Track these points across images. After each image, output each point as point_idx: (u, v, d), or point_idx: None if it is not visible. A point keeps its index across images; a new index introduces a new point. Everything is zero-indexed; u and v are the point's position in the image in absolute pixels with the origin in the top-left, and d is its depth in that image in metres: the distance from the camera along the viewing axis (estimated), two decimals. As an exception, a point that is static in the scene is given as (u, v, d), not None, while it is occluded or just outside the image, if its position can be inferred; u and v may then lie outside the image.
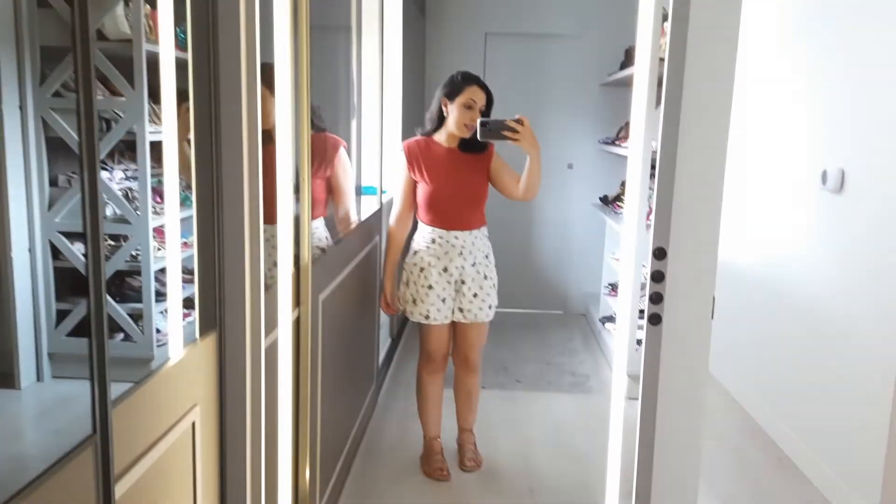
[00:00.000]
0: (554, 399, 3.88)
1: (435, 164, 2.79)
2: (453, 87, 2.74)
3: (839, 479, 2.82)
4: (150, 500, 1.28)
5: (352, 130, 3.27)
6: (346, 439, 2.89)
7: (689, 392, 1.82)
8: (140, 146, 1.91)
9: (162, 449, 1.30)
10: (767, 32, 3.76)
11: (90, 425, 1.04)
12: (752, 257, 3.83)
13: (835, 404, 2.89)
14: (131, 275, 2.03)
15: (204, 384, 1.49)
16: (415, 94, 5.05)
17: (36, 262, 1.55)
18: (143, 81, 1.83)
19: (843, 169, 2.88)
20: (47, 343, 1.56)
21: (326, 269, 2.41)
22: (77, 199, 1.67)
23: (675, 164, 1.71)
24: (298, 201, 2.07)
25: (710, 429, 3.54)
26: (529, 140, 2.60)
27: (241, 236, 1.52)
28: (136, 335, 1.95)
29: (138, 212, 1.95)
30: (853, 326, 2.78)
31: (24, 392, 1.47)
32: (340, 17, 3.12)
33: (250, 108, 1.52)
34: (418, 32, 5.20)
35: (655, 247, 1.74)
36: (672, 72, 1.69)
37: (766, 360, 3.57)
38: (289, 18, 1.84)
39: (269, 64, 1.82)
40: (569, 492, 2.91)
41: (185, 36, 1.49)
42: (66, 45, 1.59)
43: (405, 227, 2.92)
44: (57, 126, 1.57)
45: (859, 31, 2.84)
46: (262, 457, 1.68)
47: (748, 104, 3.98)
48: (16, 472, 0.97)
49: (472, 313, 2.88)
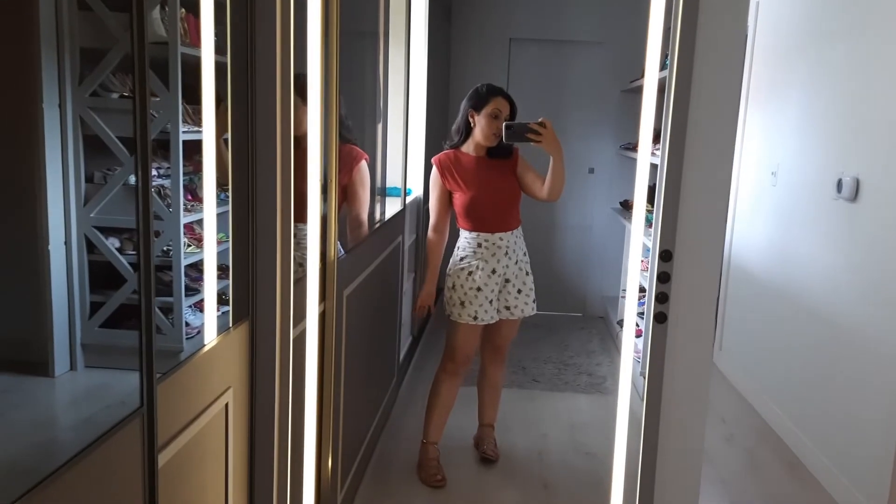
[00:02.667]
0: (570, 399, 3.96)
1: (468, 173, 2.89)
2: (479, 99, 2.85)
3: (851, 484, 2.86)
4: (188, 471, 1.39)
5: (377, 133, 3.37)
6: (367, 430, 3.00)
7: (692, 389, 1.90)
8: (174, 145, 1.98)
9: (199, 426, 1.41)
10: (782, 39, 3.81)
11: (137, 400, 1.15)
12: (767, 264, 3.88)
13: (847, 410, 2.94)
14: (162, 269, 2.12)
15: (237, 369, 1.60)
16: (440, 97, 5.16)
17: (71, 255, 1.57)
18: (178, 83, 1.93)
19: (859, 177, 2.93)
20: (80, 334, 1.59)
21: (351, 266, 2.52)
22: (111, 195, 1.76)
23: (681, 169, 1.79)
24: (326, 202, 2.18)
25: (722, 430, 3.60)
26: (552, 142, 2.70)
27: (273, 232, 1.62)
28: (165, 328, 2.04)
29: (170, 209, 2.04)
30: (867, 333, 2.83)
31: (58, 381, 1.49)
32: (369, 23, 3.23)
33: (284, 113, 1.63)
34: (444, 38, 5.30)
35: (662, 249, 1.83)
36: (679, 78, 1.77)
37: (780, 365, 3.62)
38: (320, 28, 1.94)
39: (303, 74, 1.92)
40: (582, 488, 2.99)
41: (220, 39, 1.56)
42: (104, 47, 1.68)
43: (443, 236, 3.00)
44: (94, 124, 1.62)
45: (876, 40, 2.88)
46: (288, 438, 1.78)
47: (763, 112, 4.03)
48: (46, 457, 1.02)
49: (520, 309, 2.99)
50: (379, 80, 3.35)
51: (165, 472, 1.26)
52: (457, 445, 3.27)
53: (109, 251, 1.76)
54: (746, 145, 4.32)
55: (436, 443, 3.06)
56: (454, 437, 3.30)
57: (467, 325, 2.92)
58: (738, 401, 4.01)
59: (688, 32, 1.75)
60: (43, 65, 1.44)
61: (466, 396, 3.39)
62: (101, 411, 1.30)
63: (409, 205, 4.10)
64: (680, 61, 1.77)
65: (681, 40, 1.76)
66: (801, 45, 3.61)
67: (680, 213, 1.81)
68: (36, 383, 1.48)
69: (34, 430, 1.26)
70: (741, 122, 4.40)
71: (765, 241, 3.95)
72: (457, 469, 3.08)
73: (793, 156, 3.62)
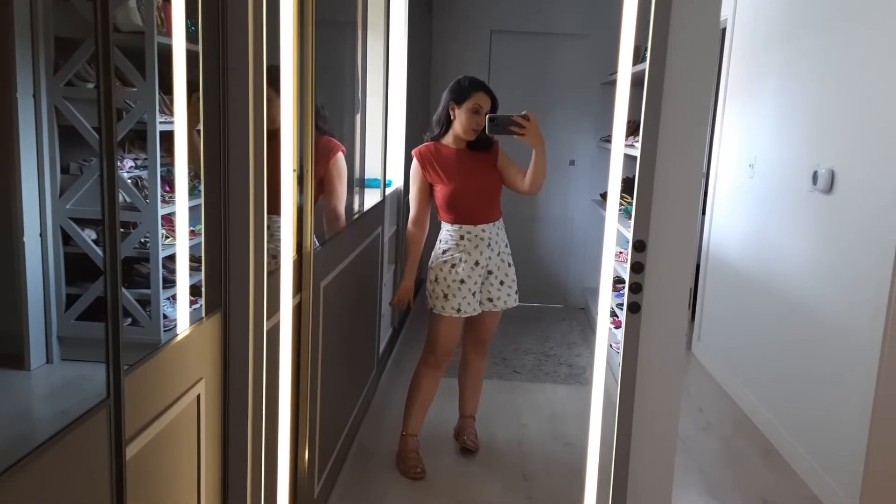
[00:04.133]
0: (551, 390, 3.98)
1: (448, 166, 2.89)
2: (461, 93, 2.84)
3: (825, 472, 2.90)
4: (157, 463, 1.39)
5: (356, 124, 3.36)
6: (345, 421, 2.99)
7: (666, 377, 1.91)
8: (150, 136, 1.96)
9: (169, 417, 1.40)
10: (760, 32, 3.83)
11: (105, 390, 1.14)
12: (745, 255, 3.91)
13: (822, 400, 2.98)
14: (139, 261, 2.09)
15: (209, 360, 1.59)
16: (421, 88, 5.14)
17: (47, 247, 1.57)
18: (155, 73, 1.90)
19: (834, 170, 2.96)
20: (57, 326, 1.59)
21: (328, 257, 2.51)
22: (87, 186, 1.74)
23: (654, 161, 1.80)
24: (302, 193, 2.16)
25: (699, 420, 3.63)
26: (535, 135, 2.70)
27: (246, 223, 1.61)
28: (143, 320, 2.01)
29: (148, 200, 2.01)
30: (841, 323, 2.86)
31: (34, 374, 1.49)
32: (346, 12, 3.21)
33: (256, 104, 1.61)
34: (425, 29, 5.28)
35: (635, 239, 1.84)
36: (652, 71, 1.78)
37: (757, 355, 3.66)
38: (293, 17, 1.93)
39: (277, 66, 1.90)
40: (561, 478, 3.01)
41: (195, 28, 1.54)
42: (78, 37, 1.66)
43: (423, 230, 2.99)
44: (69, 114, 1.61)
45: (851, 33, 2.91)
46: (262, 431, 1.78)
47: (742, 104, 4.06)
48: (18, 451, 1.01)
49: (502, 301, 3.00)
50: (357, 70, 3.33)
51: (134, 463, 1.25)
52: (437, 436, 3.28)
53: (85, 242, 1.74)
54: (725, 138, 4.35)
55: (415, 435, 3.06)
56: (434, 428, 3.30)
57: (450, 317, 2.92)
58: (715, 391, 4.05)
59: (661, 26, 1.76)
60: (17, 54, 1.42)
61: (447, 388, 3.39)
62: (76, 404, 1.29)
63: (388, 196, 4.09)
64: (653, 54, 1.78)
65: (654, 33, 1.76)
66: (778, 38, 3.64)
67: (653, 204, 1.82)
68: (11, 376, 1.47)
69: (8, 424, 1.24)
70: (720, 114, 4.43)
71: (742, 232, 3.98)
72: (437, 460, 3.09)
73: (770, 148, 3.65)
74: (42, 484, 1.01)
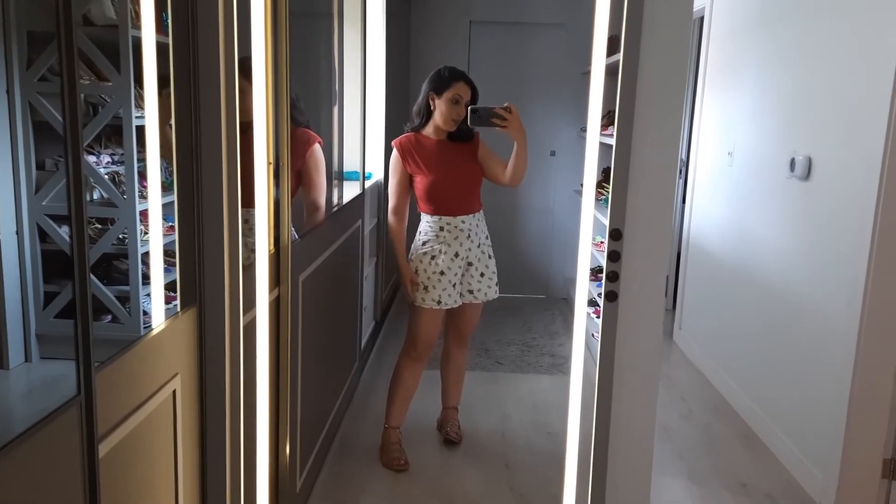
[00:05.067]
0: (533, 380, 3.99)
1: (429, 156, 2.88)
2: (440, 83, 2.82)
3: (804, 458, 2.93)
4: (132, 461, 1.37)
5: (333, 116, 3.34)
6: (328, 415, 2.99)
7: (644, 365, 1.93)
8: (126, 130, 1.94)
9: (144, 413, 1.39)
10: (737, 21, 3.85)
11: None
12: (725, 243, 3.94)
13: (801, 386, 3.01)
14: (118, 258, 2.06)
15: (185, 355, 1.57)
16: (400, 80, 5.12)
17: (23, 244, 1.55)
18: (129, 66, 1.87)
19: (811, 156, 2.98)
20: (35, 324, 1.57)
21: (307, 250, 2.50)
22: (63, 182, 1.72)
23: (630, 151, 1.80)
24: (278, 186, 2.15)
25: (680, 407, 3.66)
26: (517, 127, 2.70)
27: (220, 217, 1.60)
28: (123, 317, 1.99)
29: (125, 195, 1.99)
30: (819, 309, 2.89)
31: (13, 372, 1.48)
32: (321, 3, 3.18)
33: (228, 96, 1.60)
34: (404, 20, 5.26)
35: (612, 228, 1.84)
36: (626, 60, 1.78)
37: (737, 342, 3.69)
38: (263, 7, 1.91)
39: (250, 57, 1.88)
40: (543, 467, 3.02)
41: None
42: (51, 30, 1.63)
43: (403, 219, 2.97)
44: (43, 110, 1.58)
45: (822, 21, 2.93)
46: (240, 427, 1.77)
47: (720, 93, 4.08)
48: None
49: (483, 292, 3.00)
50: (334, 62, 3.31)
51: (108, 461, 1.24)
52: (420, 428, 3.28)
53: (62, 239, 1.71)
54: (704, 126, 4.36)
55: (398, 427, 3.06)
56: (417, 419, 3.31)
57: (431, 309, 2.91)
58: (696, 378, 4.07)
59: (634, 14, 1.76)
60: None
61: (430, 379, 3.40)
62: (54, 403, 1.28)
63: (368, 189, 4.08)
64: (627, 44, 1.78)
65: (627, 22, 1.76)
66: (755, 27, 3.65)
67: (629, 193, 1.82)
68: (-10, 376, 1.44)
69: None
70: (698, 103, 4.45)
71: (722, 220, 4.00)
72: (420, 452, 3.09)
73: (748, 136, 3.67)
74: (10, 484, 0.99)
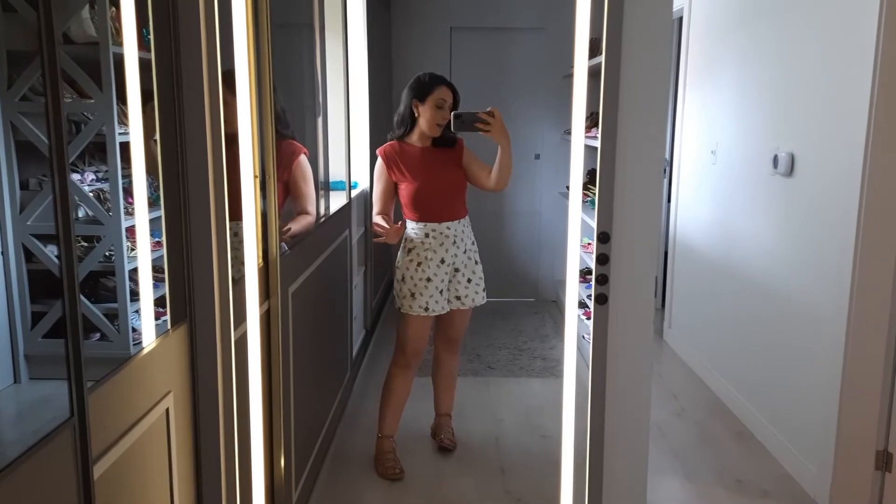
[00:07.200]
0: (525, 384, 4.00)
1: (413, 164, 2.88)
2: (423, 89, 2.82)
3: (798, 452, 2.95)
4: (127, 481, 1.36)
5: (318, 127, 3.33)
6: (321, 426, 2.97)
7: (636, 365, 1.93)
8: (110, 147, 1.94)
9: (138, 433, 1.38)
10: (716, 19, 3.88)
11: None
12: (711, 241, 3.96)
13: (791, 380, 3.02)
14: (105, 275, 2.05)
15: (177, 372, 1.56)
16: (382, 88, 5.12)
17: (9, 264, 1.54)
18: (111, 83, 1.87)
19: (793, 153, 3.00)
20: (23, 345, 1.56)
21: (296, 262, 2.49)
22: (48, 201, 1.70)
23: (615, 152, 1.81)
24: (266, 198, 2.14)
25: (673, 405, 3.67)
26: (500, 131, 2.70)
27: (208, 232, 1.59)
28: (111, 334, 1.98)
29: (110, 213, 1.98)
30: (805, 303, 2.91)
31: (2, 394, 1.47)
32: (302, 14, 3.18)
33: (213, 109, 1.59)
34: (384, 28, 5.26)
35: (600, 231, 1.85)
36: (608, 62, 1.79)
37: (726, 338, 3.71)
38: (245, 20, 1.90)
39: (233, 69, 1.88)
40: (538, 470, 3.02)
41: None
42: (32, 50, 1.62)
43: (389, 217, 2.94)
44: (26, 130, 1.57)
45: (805, 16, 2.95)
46: (235, 443, 1.76)
47: (701, 92, 4.11)
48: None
49: (470, 298, 3.00)
50: (316, 73, 3.31)
51: (103, 482, 1.23)
52: (414, 436, 3.27)
53: (48, 258, 1.70)
54: (686, 126, 4.39)
55: (391, 436, 3.05)
56: (411, 427, 3.30)
57: (418, 316, 2.91)
58: (688, 376, 4.09)
59: (615, 16, 1.77)
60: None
61: (422, 387, 3.39)
62: (46, 425, 1.26)
63: (355, 198, 4.08)
64: (608, 46, 1.79)
65: (608, 25, 1.77)
66: (735, 25, 3.68)
67: (615, 195, 1.83)
68: (-22, 398, 1.43)
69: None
70: (680, 103, 4.48)
71: (708, 218, 4.02)
72: (414, 459, 3.08)
73: (731, 134, 3.70)
74: (7, 510, 0.98)
